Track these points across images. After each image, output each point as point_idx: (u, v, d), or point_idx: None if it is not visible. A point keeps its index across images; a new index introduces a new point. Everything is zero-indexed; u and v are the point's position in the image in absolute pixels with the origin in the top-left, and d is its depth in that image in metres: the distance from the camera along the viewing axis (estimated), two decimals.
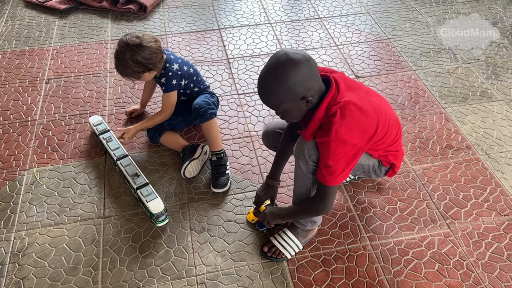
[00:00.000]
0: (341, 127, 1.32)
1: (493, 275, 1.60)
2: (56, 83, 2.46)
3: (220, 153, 1.93)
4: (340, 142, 1.33)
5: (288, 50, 1.31)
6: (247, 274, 1.61)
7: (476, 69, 2.55)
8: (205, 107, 1.91)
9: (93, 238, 1.73)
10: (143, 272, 1.62)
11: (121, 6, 3.02)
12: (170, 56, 1.92)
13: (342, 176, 1.40)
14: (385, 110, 1.45)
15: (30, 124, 2.21)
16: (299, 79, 1.29)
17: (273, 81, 1.30)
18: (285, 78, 1.28)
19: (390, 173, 1.70)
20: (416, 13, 3.03)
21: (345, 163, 1.38)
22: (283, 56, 1.30)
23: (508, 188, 1.90)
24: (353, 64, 2.59)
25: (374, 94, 1.50)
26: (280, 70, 1.29)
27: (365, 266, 1.63)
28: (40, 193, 1.90)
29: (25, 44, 2.76)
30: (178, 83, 1.92)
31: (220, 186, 1.87)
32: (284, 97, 1.31)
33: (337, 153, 1.35)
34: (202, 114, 1.90)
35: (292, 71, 1.28)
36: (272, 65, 1.31)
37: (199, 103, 1.94)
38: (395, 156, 1.62)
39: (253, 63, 2.60)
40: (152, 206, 1.73)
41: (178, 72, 1.91)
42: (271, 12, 3.07)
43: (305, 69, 1.29)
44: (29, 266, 1.64)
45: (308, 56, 1.32)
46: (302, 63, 1.29)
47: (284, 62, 1.29)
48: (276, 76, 1.29)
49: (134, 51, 1.77)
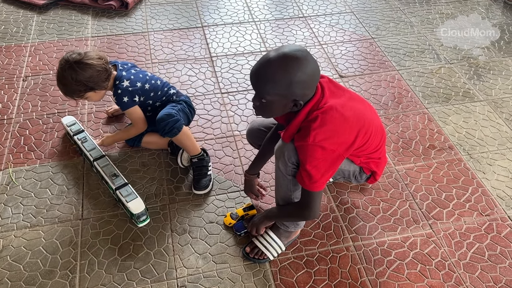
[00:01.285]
0: (319, 134, 1.31)
1: (474, 276, 1.61)
2: (34, 81, 2.39)
3: (201, 154, 1.89)
4: (317, 147, 1.32)
5: (308, 52, 1.29)
6: (229, 276, 1.59)
7: (459, 70, 2.56)
8: (168, 122, 1.78)
9: (70, 240, 1.68)
10: (122, 275, 1.58)
11: (102, 3, 2.96)
12: (121, 73, 1.84)
13: (322, 182, 1.39)
14: (368, 116, 1.44)
15: (6, 123, 2.14)
16: (303, 80, 1.26)
17: (280, 70, 1.25)
18: (294, 73, 1.24)
19: (371, 180, 1.69)
20: (400, 13, 3.04)
21: (324, 169, 1.36)
22: (303, 53, 1.26)
23: (489, 189, 1.91)
24: (337, 63, 2.59)
25: (358, 99, 1.48)
26: (294, 63, 1.24)
27: (347, 267, 1.62)
28: (16, 194, 1.84)
29: (1, 40, 2.68)
30: (131, 99, 1.82)
31: (201, 188, 1.84)
32: (280, 90, 1.27)
33: (314, 158, 1.34)
34: (168, 131, 1.79)
35: (301, 70, 1.25)
36: (289, 55, 1.25)
37: (162, 117, 1.79)
38: (377, 164, 1.61)
39: (236, 62, 2.57)
40: (132, 206, 1.69)
41: (128, 88, 1.81)
42: (255, 10, 3.04)
43: (312, 75, 1.28)
44: (3, 270, 1.59)
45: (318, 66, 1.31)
46: (314, 70, 1.28)
47: (301, 58, 1.25)
48: (287, 67, 1.24)
49: (74, 69, 1.69)
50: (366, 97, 2.35)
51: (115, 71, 1.86)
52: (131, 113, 1.87)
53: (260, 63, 1.29)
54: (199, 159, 1.88)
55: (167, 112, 1.81)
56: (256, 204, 1.82)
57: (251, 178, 1.78)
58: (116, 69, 1.86)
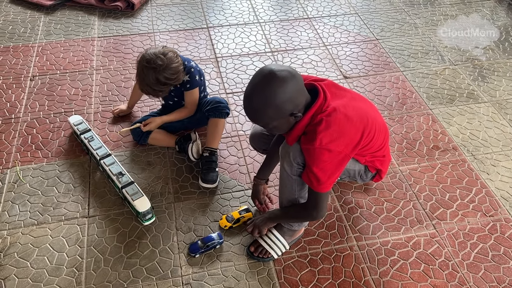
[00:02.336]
0: (325, 136, 1.32)
1: (477, 276, 1.61)
2: (41, 80, 2.42)
3: (214, 150, 1.92)
4: (324, 150, 1.33)
5: (273, 67, 1.29)
6: (233, 274, 1.60)
7: (463, 71, 2.57)
8: (224, 105, 1.93)
9: (77, 238, 1.70)
10: (127, 273, 1.60)
11: (108, 3, 2.98)
12: (183, 57, 1.89)
13: (329, 183, 1.40)
14: (371, 115, 1.45)
15: (14, 122, 2.17)
16: (287, 97, 1.28)
17: (261, 101, 1.29)
18: (273, 97, 1.27)
19: (376, 179, 1.71)
20: (405, 15, 3.04)
21: (331, 170, 1.38)
22: (269, 74, 1.27)
23: (493, 189, 1.91)
24: (342, 64, 2.60)
25: (360, 98, 1.50)
26: (267, 89, 1.27)
27: (351, 267, 1.63)
28: (23, 192, 1.86)
29: (9, 40, 2.71)
30: (200, 79, 1.93)
31: (209, 181, 1.85)
32: (273, 115, 1.31)
33: (321, 160, 1.35)
34: (220, 110, 1.91)
35: (280, 90, 1.26)
36: (259, 84, 1.29)
37: (219, 99, 1.95)
38: (382, 162, 1.62)
39: (241, 62, 2.59)
40: (138, 204, 1.70)
41: (197, 68, 1.92)
42: (260, 11, 3.06)
43: (292, 86, 1.28)
44: (10, 267, 1.61)
45: (294, 71, 1.31)
46: (289, 80, 1.27)
47: (270, 81, 1.27)
48: (264, 96, 1.27)
49: (159, 73, 1.74)
50: (370, 98, 2.36)
51: None
52: (194, 93, 1.94)
53: (244, 104, 1.35)
54: (210, 154, 1.90)
55: (219, 99, 1.95)
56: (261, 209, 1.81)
57: (259, 183, 1.78)
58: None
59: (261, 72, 1.31)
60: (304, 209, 1.53)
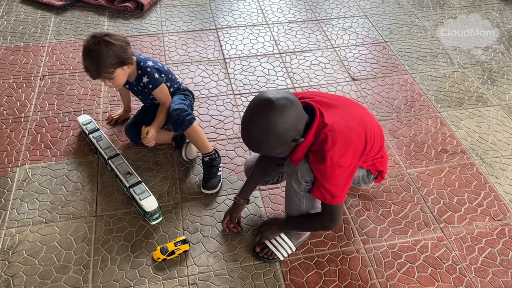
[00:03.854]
0: (335, 153, 1.32)
1: (485, 280, 1.60)
2: (51, 80, 2.44)
3: (212, 154, 1.91)
4: (336, 167, 1.34)
5: (271, 95, 1.25)
6: (240, 275, 1.60)
7: (472, 74, 2.55)
8: (181, 115, 1.81)
9: (84, 236, 1.71)
10: (134, 272, 1.60)
11: (118, 4, 3.00)
12: (140, 57, 1.87)
13: (343, 195, 1.42)
14: (367, 120, 1.46)
15: (24, 121, 2.19)
16: (288, 126, 1.26)
17: (261, 133, 1.26)
18: (274, 128, 1.24)
19: (378, 179, 1.71)
20: (413, 17, 3.03)
21: (343, 184, 1.39)
22: (267, 103, 1.24)
23: (502, 193, 1.90)
24: (350, 66, 2.59)
25: (352, 105, 1.51)
26: (267, 120, 1.23)
27: (358, 269, 1.63)
28: (32, 190, 1.88)
29: (20, 40, 2.74)
30: (160, 76, 1.85)
31: (209, 188, 1.86)
32: (275, 145, 1.29)
33: (334, 176, 1.36)
34: (180, 123, 1.81)
35: (281, 120, 1.23)
36: (258, 115, 1.25)
37: (174, 110, 1.83)
38: (382, 163, 1.63)
39: (249, 64, 2.59)
40: (145, 204, 1.71)
41: (155, 67, 1.85)
42: (269, 13, 3.06)
43: (292, 113, 1.26)
44: (19, 264, 1.62)
45: (291, 97, 1.28)
46: (288, 108, 1.24)
47: (269, 111, 1.23)
48: (265, 128, 1.24)
49: (105, 41, 1.66)
50: (378, 101, 2.35)
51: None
52: (163, 89, 1.87)
53: (244, 134, 1.32)
54: (210, 159, 1.90)
55: (178, 107, 1.84)
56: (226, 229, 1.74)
57: (241, 203, 1.71)
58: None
59: (258, 101, 1.27)
60: (319, 221, 1.54)
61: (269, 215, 1.80)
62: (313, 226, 1.61)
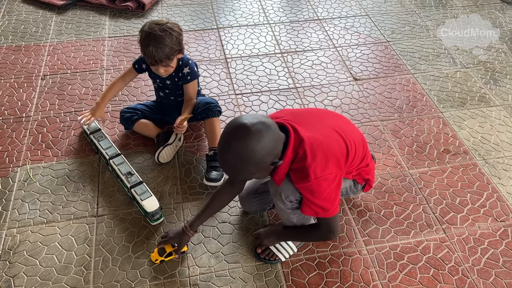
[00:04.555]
0: (317, 168, 1.31)
1: (488, 281, 1.59)
2: (52, 80, 2.43)
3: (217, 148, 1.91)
4: (321, 181, 1.32)
5: (246, 121, 1.23)
6: (241, 276, 1.60)
7: (475, 74, 2.54)
8: (215, 104, 1.99)
9: (85, 237, 1.71)
10: (135, 272, 1.60)
11: (119, 3, 3.00)
12: None
13: (335, 207, 1.41)
14: (345, 129, 1.44)
15: (25, 121, 2.19)
16: (266, 151, 1.24)
17: (239, 160, 1.24)
18: (252, 155, 1.22)
19: (366, 188, 1.70)
20: (416, 17, 3.02)
21: (333, 196, 1.38)
22: (243, 129, 1.21)
23: (504, 194, 1.89)
24: (352, 66, 2.58)
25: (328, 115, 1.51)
26: (244, 147, 1.21)
27: (359, 270, 1.62)
28: (33, 191, 1.87)
29: (21, 39, 2.73)
30: (197, 70, 1.98)
31: (212, 180, 1.85)
32: (253, 170, 1.28)
33: (321, 191, 1.34)
34: (211, 109, 1.95)
35: (258, 147, 1.21)
36: (235, 142, 1.23)
37: (208, 100, 2.01)
38: (367, 171, 1.61)
39: (251, 64, 2.58)
40: (147, 204, 1.71)
41: (194, 61, 1.98)
42: (270, 12, 3.05)
43: (269, 138, 1.24)
44: (20, 264, 1.62)
45: (267, 120, 1.26)
46: (264, 133, 1.22)
47: (246, 138, 1.21)
48: (242, 155, 1.22)
49: (170, 29, 1.78)
50: (381, 101, 2.34)
51: None
52: (195, 84, 1.99)
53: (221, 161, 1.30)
54: (214, 153, 1.91)
55: (210, 100, 2.01)
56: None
57: (190, 235, 1.58)
58: None
59: (234, 127, 1.24)
60: (318, 233, 1.54)
61: (270, 215, 1.79)
62: (313, 238, 1.61)
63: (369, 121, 2.23)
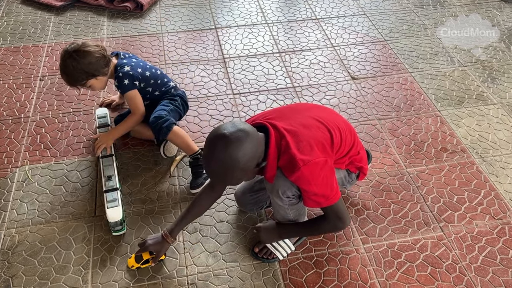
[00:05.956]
0: (303, 154, 1.33)
1: (485, 279, 1.59)
2: (50, 80, 2.44)
3: (197, 154, 1.89)
4: (312, 165, 1.33)
5: (225, 131, 1.26)
6: (239, 275, 1.60)
7: (473, 72, 2.55)
8: (158, 124, 1.84)
9: (84, 236, 1.71)
10: (133, 272, 1.60)
11: (118, 4, 3.00)
12: (122, 61, 1.91)
13: (336, 191, 1.41)
14: (327, 117, 1.46)
15: (23, 121, 2.19)
16: (249, 157, 1.28)
17: (224, 169, 1.29)
18: (235, 163, 1.26)
19: (361, 176, 1.70)
20: (414, 16, 3.02)
21: (329, 180, 1.38)
22: (224, 139, 1.25)
23: (502, 192, 1.89)
24: (349, 65, 2.59)
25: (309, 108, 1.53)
26: (227, 156, 1.25)
27: (357, 268, 1.62)
28: (32, 191, 1.88)
29: (20, 40, 2.74)
30: (132, 83, 1.87)
31: (195, 187, 1.86)
32: (240, 175, 1.33)
33: (315, 176, 1.35)
34: (158, 131, 1.85)
35: (240, 154, 1.25)
36: (217, 152, 1.26)
37: (152, 118, 1.87)
38: (359, 159, 1.61)
39: (249, 63, 2.59)
40: (109, 213, 1.65)
41: (129, 72, 1.87)
42: (268, 12, 3.06)
43: (250, 144, 1.27)
44: (18, 264, 1.62)
45: (245, 126, 1.29)
46: (244, 140, 1.26)
47: (228, 147, 1.25)
48: (226, 164, 1.27)
49: (73, 57, 1.76)
50: (378, 99, 2.35)
51: (116, 59, 1.92)
52: (131, 97, 1.90)
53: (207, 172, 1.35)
54: (194, 159, 1.89)
55: (157, 115, 1.87)
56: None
57: (169, 241, 1.56)
58: (118, 58, 1.93)
59: (214, 138, 1.28)
60: (327, 224, 1.51)
61: (267, 214, 1.80)
62: (322, 229, 1.57)
63: (367, 120, 2.23)
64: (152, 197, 1.86)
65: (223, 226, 1.75)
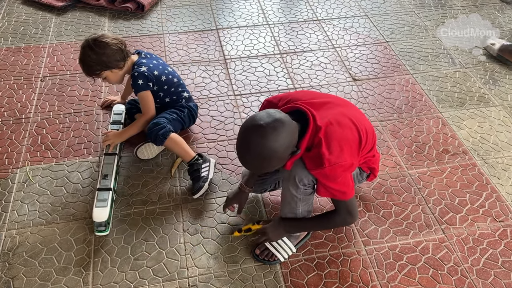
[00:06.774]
0: (331, 155, 1.33)
1: (487, 282, 1.59)
2: (51, 81, 2.44)
3: (193, 159, 1.88)
4: (335, 167, 1.34)
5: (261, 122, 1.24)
6: (240, 277, 1.60)
7: (474, 74, 2.54)
8: (154, 130, 1.85)
9: (84, 238, 1.71)
10: (134, 273, 1.60)
11: (119, 5, 3.00)
12: (142, 60, 1.92)
13: (352, 189, 1.43)
14: (358, 118, 1.46)
15: (24, 122, 2.19)
16: (285, 146, 1.27)
17: (261, 160, 1.28)
18: (273, 153, 1.25)
19: (371, 177, 1.71)
20: (415, 17, 3.02)
21: (348, 179, 1.41)
22: (260, 130, 1.24)
23: (504, 194, 1.89)
24: (351, 66, 2.58)
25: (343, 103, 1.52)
26: (264, 148, 1.24)
27: (358, 271, 1.62)
28: (32, 192, 1.87)
29: (21, 41, 2.74)
30: (146, 84, 1.88)
31: (194, 193, 1.84)
32: (276, 164, 1.32)
33: (337, 176, 1.37)
34: (154, 139, 1.86)
35: (276, 144, 1.24)
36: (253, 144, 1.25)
37: (150, 124, 1.89)
38: (374, 161, 1.63)
39: (250, 64, 2.59)
40: (95, 212, 1.67)
41: (144, 73, 1.87)
42: (269, 13, 3.06)
43: (286, 133, 1.26)
44: (19, 266, 1.62)
45: (280, 115, 1.27)
46: (280, 130, 1.25)
47: (264, 138, 1.23)
48: (263, 155, 1.26)
49: (91, 47, 1.80)
50: (380, 101, 2.34)
51: (137, 57, 1.95)
52: (143, 97, 1.92)
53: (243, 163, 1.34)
54: (190, 165, 1.89)
55: (155, 121, 1.89)
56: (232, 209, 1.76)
57: (246, 191, 1.69)
58: (139, 57, 1.95)
59: (250, 128, 1.27)
60: (337, 216, 1.53)
61: (269, 215, 1.79)
62: (330, 224, 1.62)
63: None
64: (153, 198, 1.85)
65: (224, 228, 1.75)
